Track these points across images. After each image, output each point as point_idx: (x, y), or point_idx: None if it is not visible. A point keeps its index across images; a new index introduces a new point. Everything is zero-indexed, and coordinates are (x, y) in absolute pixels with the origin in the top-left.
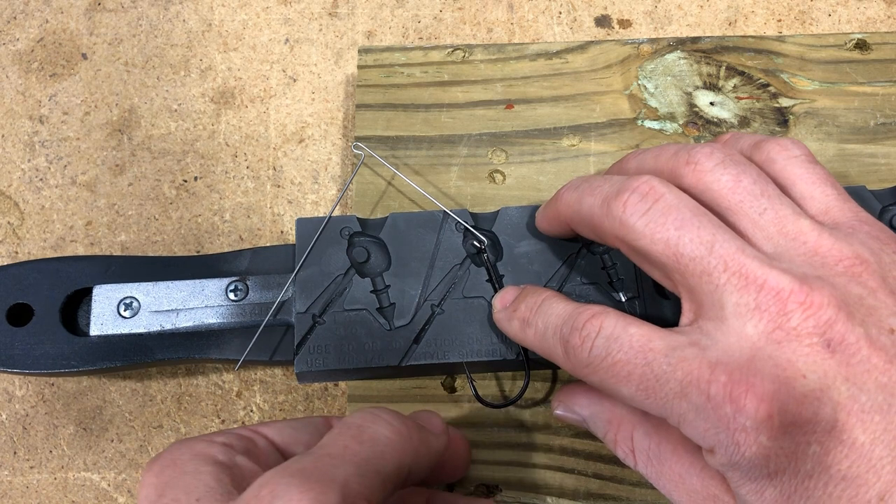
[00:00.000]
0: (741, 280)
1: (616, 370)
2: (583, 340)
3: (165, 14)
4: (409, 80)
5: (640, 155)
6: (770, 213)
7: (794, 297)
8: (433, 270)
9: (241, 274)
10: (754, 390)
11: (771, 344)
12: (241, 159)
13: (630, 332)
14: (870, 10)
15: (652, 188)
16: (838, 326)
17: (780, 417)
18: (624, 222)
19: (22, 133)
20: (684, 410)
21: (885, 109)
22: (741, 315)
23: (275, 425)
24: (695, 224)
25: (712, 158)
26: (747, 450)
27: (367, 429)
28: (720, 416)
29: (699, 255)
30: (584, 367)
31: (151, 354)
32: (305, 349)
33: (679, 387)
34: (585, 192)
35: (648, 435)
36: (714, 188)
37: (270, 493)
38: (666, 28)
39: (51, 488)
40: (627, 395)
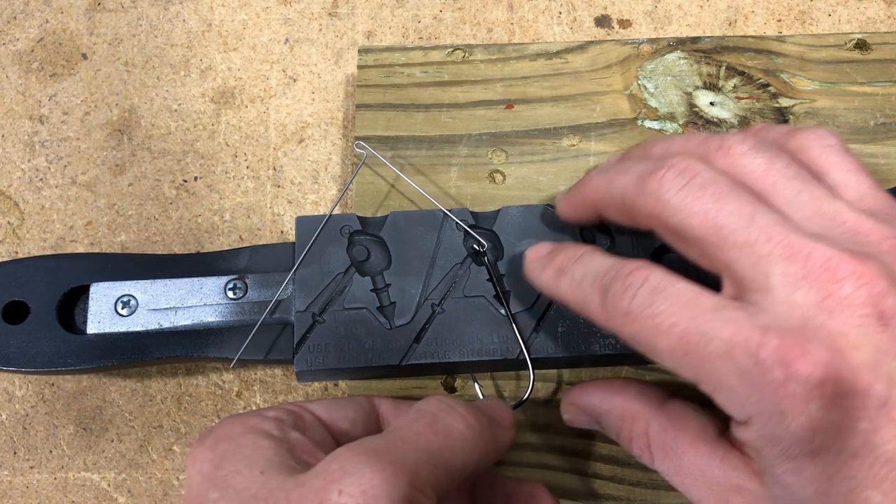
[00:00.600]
0: (786, 250)
1: (658, 321)
2: (626, 288)
3: (165, 14)
4: (409, 80)
5: (665, 140)
6: (805, 194)
7: (845, 266)
8: (434, 269)
9: (240, 272)
10: (809, 355)
11: (823, 312)
12: (241, 159)
13: (678, 285)
14: (870, 10)
15: (688, 165)
16: (890, 300)
17: (833, 386)
18: (660, 198)
19: (22, 133)
20: (726, 373)
21: (885, 109)
22: (789, 284)
23: (320, 402)
24: (734, 197)
25: (745, 143)
26: (794, 420)
27: (442, 419)
28: (768, 381)
29: (740, 225)
30: (621, 315)
31: (149, 353)
32: (305, 348)
33: (725, 346)
34: (617, 173)
35: (664, 429)
36: (747, 171)
37: (341, 468)
38: (666, 28)
39: (51, 488)
40: (665, 348)
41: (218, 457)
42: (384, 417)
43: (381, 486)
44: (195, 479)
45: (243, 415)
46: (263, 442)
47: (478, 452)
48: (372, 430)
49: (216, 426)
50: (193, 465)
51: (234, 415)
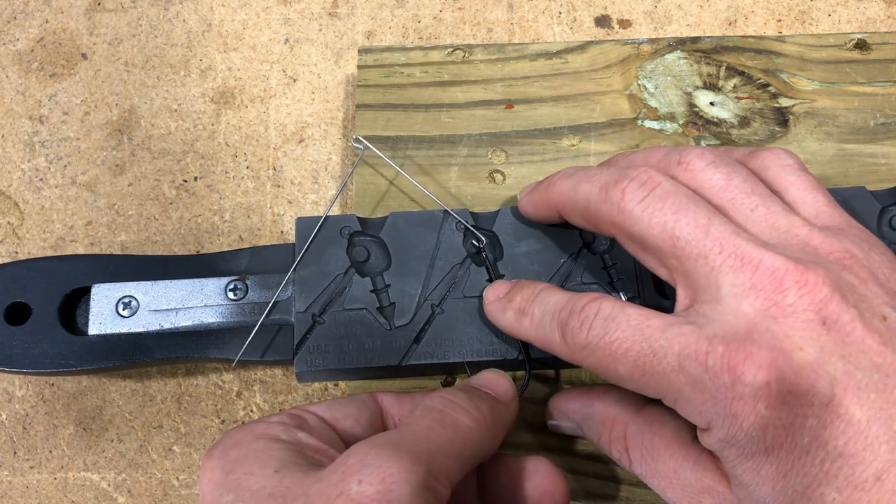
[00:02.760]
0: (737, 261)
1: (613, 348)
2: (581, 322)
3: (165, 14)
4: (409, 80)
5: (629, 156)
6: (761, 209)
7: (790, 276)
8: (433, 270)
9: (241, 273)
10: (752, 358)
11: (767, 319)
12: (241, 159)
13: (627, 311)
14: (870, 10)
15: (650, 177)
16: (833, 305)
17: (778, 386)
18: (622, 208)
19: (22, 133)
20: (681, 385)
21: (885, 109)
22: (737, 295)
23: (322, 404)
24: (691, 209)
25: (703, 158)
26: (745, 420)
27: (449, 414)
28: (718, 386)
29: (695, 237)
30: (581, 349)
31: (150, 354)
32: (305, 349)
33: (676, 360)
34: (581, 179)
35: (641, 432)
36: (705, 186)
37: (359, 461)
38: (666, 28)
39: (51, 488)
40: (624, 373)
41: (228, 463)
42: (387, 412)
43: (399, 474)
44: (207, 487)
45: (248, 424)
46: (274, 444)
47: (485, 441)
48: (376, 425)
49: (222, 438)
50: (204, 475)
51: (238, 426)
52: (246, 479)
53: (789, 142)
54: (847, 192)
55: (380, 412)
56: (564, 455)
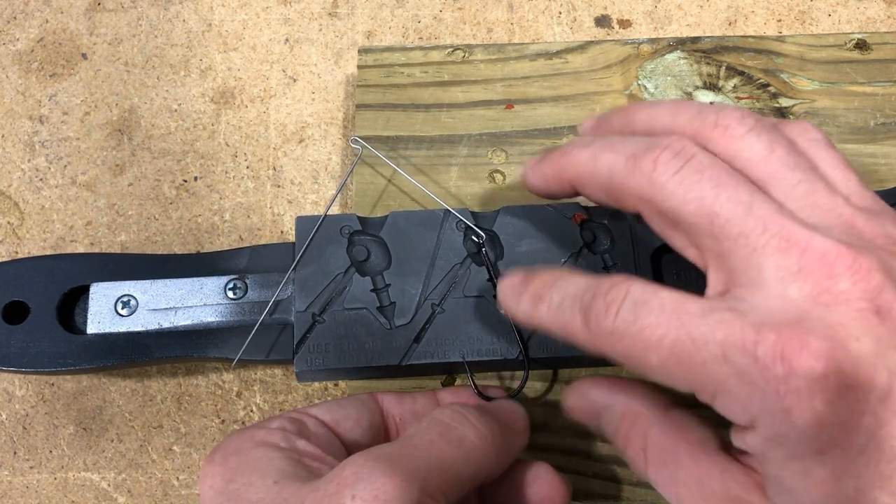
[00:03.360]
0: (782, 242)
1: (646, 335)
2: (608, 305)
3: (165, 14)
4: (409, 80)
5: (649, 108)
6: (804, 185)
7: (841, 261)
8: (433, 269)
9: (240, 272)
10: (809, 348)
11: (819, 306)
12: (241, 159)
13: (661, 294)
14: (870, 10)
15: (684, 146)
16: (887, 294)
17: (836, 378)
18: (654, 180)
19: (22, 133)
20: (724, 377)
21: (885, 109)
22: (783, 279)
23: (322, 405)
24: (731, 183)
25: (744, 123)
26: (800, 416)
27: (455, 429)
28: (769, 379)
29: (736, 215)
30: (607, 336)
31: (149, 353)
32: (305, 348)
33: (720, 349)
34: (604, 148)
35: (665, 434)
36: (745, 156)
37: (354, 474)
38: (666, 28)
39: (51, 488)
40: (657, 362)
41: (229, 471)
42: (387, 412)
43: (392, 492)
44: (208, 494)
45: (248, 429)
46: (273, 454)
47: (490, 461)
48: (376, 426)
49: (223, 442)
50: (205, 481)
51: (238, 430)
52: (246, 489)
53: None
54: None
55: (380, 413)
56: (564, 455)
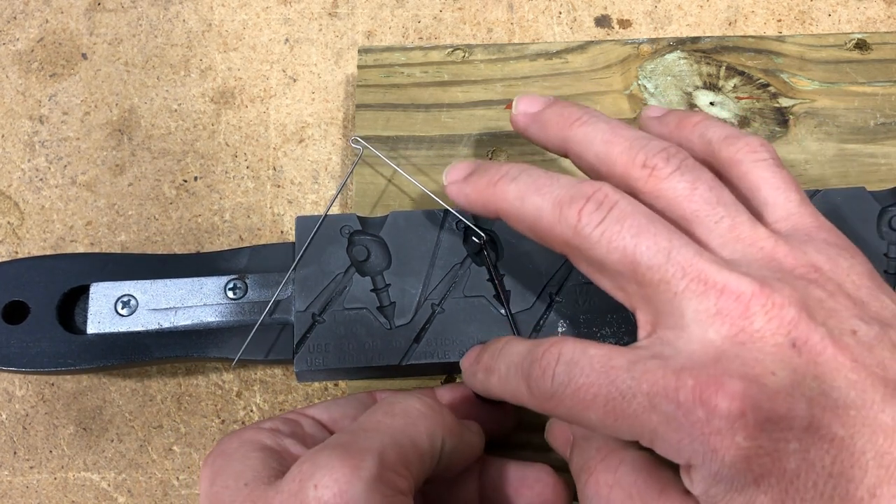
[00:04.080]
0: (700, 285)
1: (581, 395)
2: (543, 371)
3: (165, 14)
4: (409, 80)
5: (585, 126)
6: (726, 220)
7: (756, 300)
8: (434, 269)
9: (240, 272)
10: (724, 389)
11: (735, 346)
12: (241, 159)
13: (589, 353)
14: (870, 10)
15: (606, 196)
16: (802, 326)
17: (753, 414)
18: (579, 231)
19: (22, 133)
20: (655, 424)
21: (885, 109)
22: (702, 321)
23: (320, 405)
24: (651, 231)
25: (670, 163)
26: (725, 453)
27: (399, 403)
28: (692, 422)
29: (657, 262)
30: (549, 399)
31: (149, 353)
32: (305, 348)
33: (647, 400)
34: (530, 189)
35: (637, 471)
36: (669, 196)
37: (312, 465)
38: (666, 28)
39: (51, 488)
40: (596, 419)
41: (214, 473)
42: None
43: (351, 472)
44: (200, 495)
45: (241, 429)
46: (253, 454)
47: (440, 429)
48: None
49: (217, 443)
50: (200, 482)
51: (234, 431)
52: (222, 492)
53: (789, 142)
54: (847, 193)
55: None
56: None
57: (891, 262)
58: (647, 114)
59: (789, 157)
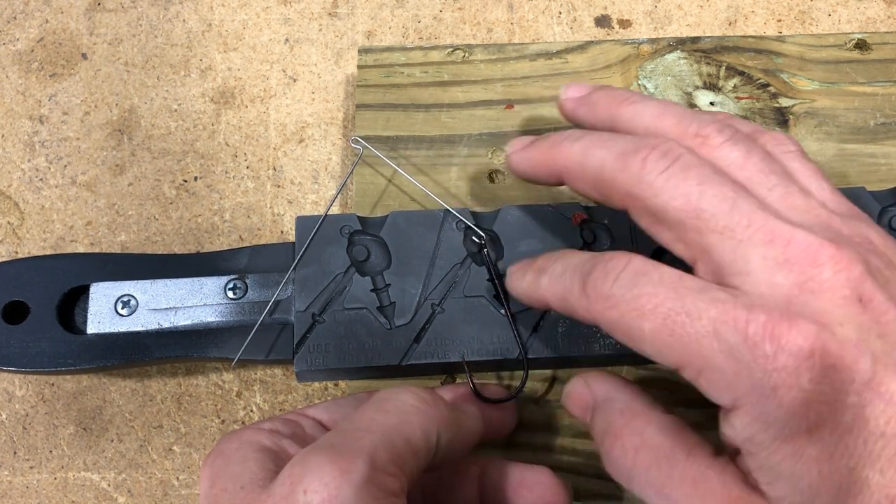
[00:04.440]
0: (767, 235)
1: (642, 302)
2: (607, 273)
3: (165, 14)
4: (409, 80)
5: (635, 105)
6: (780, 188)
7: (825, 251)
8: (434, 269)
9: (240, 272)
10: (797, 328)
11: (805, 293)
12: (241, 159)
13: (661, 269)
14: (870, 10)
15: (671, 147)
16: (867, 285)
17: (822, 358)
18: (642, 178)
19: (22, 133)
20: (713, 352)
21: (885, 109)
22: (770, 268)
23: (320, 405)
24: (716, 181)
25: (722, 133)
26: (786, 394)
27: (391, 400)
28: (757, 356)
29: (721, 210)
30: (604, 300)
31: (149, 353)
32: (305, 348)
33: (711, 325)
34: (594, 144)
35: (663, 433)
36: (723, 164)
37: (302, 468)
38: (666, 28)
39: (51, 488)
40: (649, 331)
41: (213, 474)
42: None
43: (341, 476)
44: (200, 497)
45: (241, 429)
46: (251, 455)
47: (435, 423)
48: None
49: (217, 443)
50: (200, 483)
51: (233, 431)
52: (220, 494)
53: None
54: (847, 193)
55: None
56: (565, 455)
57: None
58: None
59: None
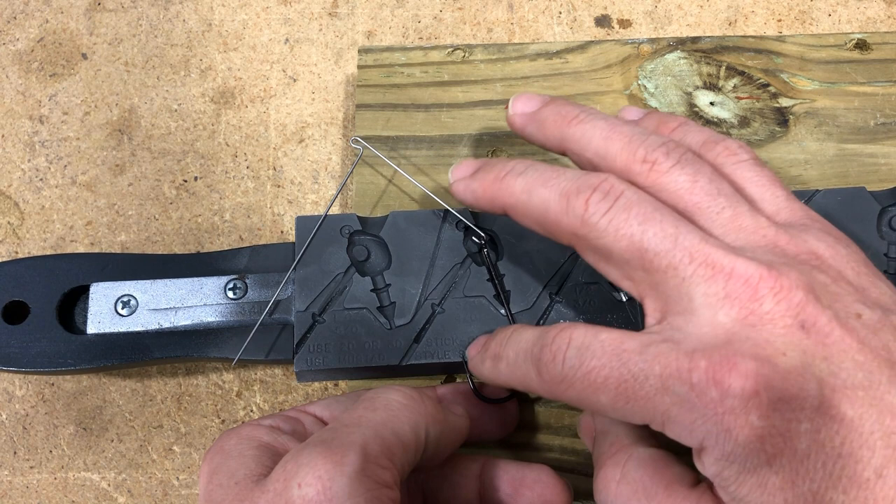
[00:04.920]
0: (708, 270)
1: (592, 377)
2: (554, 354)
3: (165, 14)
4: (409, 80)
5: (583, 124)
6: (728, 210)
7: (764, 282)
8: (434, 269)
9: (240, 272)
10: (737, 369)
11: (746, 328)
12: (241, 159)
13: (601, 337)
14: (870, 10)
15: (612, 186)
16: (809, 308)
17: (767, 394)
18: (586, 220)
19: (22, 133)
20: (667, 406)
21: (885, 109)
22: (711, 305)
23: (321, 402)
24: (657, 218)
25: (670, 157)
26: (739, 433)
27: (379, 398)
28: (706, 403)
29: (664, 248)
30: (559, 383)
31: (149, 353)
32: (305, 348)
33: (659, 382)
34: (536, 182)
35: (643, 465)
36: (670, 189)
37: (296, 463)
38: (666, 28)
39: (51, 488)
40: (607, 402)
41: (211, 469)
42: None
43: (334, 469)
44: (199, 492)
45: (241, 425)
46: (249, 452)
47: (422, 418)
48: None
49: (217, 439)
50: (199, 478)
51: (233, 427)
52: (217, 490)
53: (789, 142)
54: (847, 193)
55: None
56: (565, 455)
57: (891, 262)
58: (624, 115)
59: (789, 157)
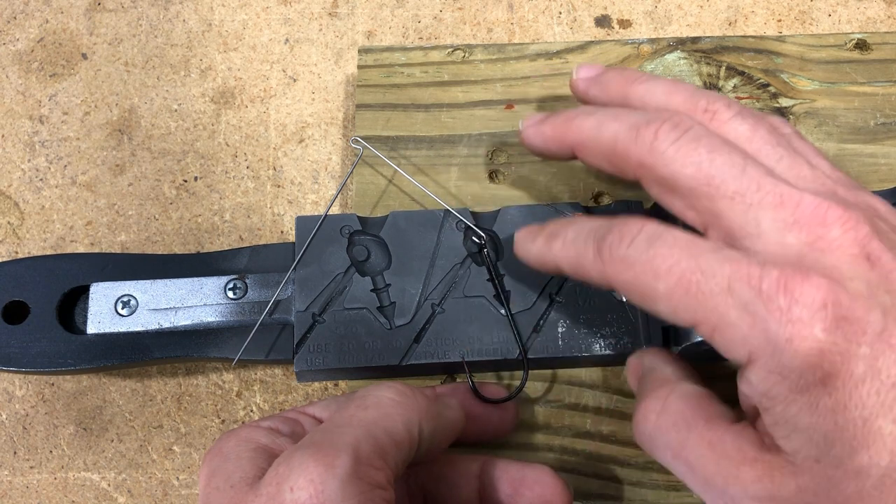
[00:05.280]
0: (776, 198)
1: (656, 263)
2: (623, 236)
3: (165, 14)
4: (409, 80)
5: (646, 83)
6: (787, 159)
7: (833, 212)
8: (434, 269)
9: (240, 272)
10: (809, 280)
11: (815, 251)
12: (241, 159)
13: (674, 232)
14: (870, 10)
15: (682, 120)
16: (875, 244)
17: (834, 309)
18: (655, 148)
19: (22, 133)
20: (727, 308)
21: (885, 109)
22: (780, 229)
23: (320, 403)
24: (726, 149)
25: (730, 108)
26: (801, 344)
27: (370, 396)
28: (772, 310)
29: (732, 175)
30: (618, 262)
31: (149, 353)
32: (305, 348)
33: (725, 282)
34: (607, 118)
35: (685, 398)
36: (731, 136)
37: (287, 467)
38: (666, 28)
39: (51, 488)
40: (664, 290)
41: (210, 472)
42: None
43: (325, 472)
44: (199, 494)
45: (240, 427)
46: (246, 454)
47: (415, 415)
48: None
49: (216, 440)
50: (199, 480)
51: (232, 429)
52: (214, 493)
53: None
54: None
55: None
56: (565, 455)
57: None
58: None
59: None
